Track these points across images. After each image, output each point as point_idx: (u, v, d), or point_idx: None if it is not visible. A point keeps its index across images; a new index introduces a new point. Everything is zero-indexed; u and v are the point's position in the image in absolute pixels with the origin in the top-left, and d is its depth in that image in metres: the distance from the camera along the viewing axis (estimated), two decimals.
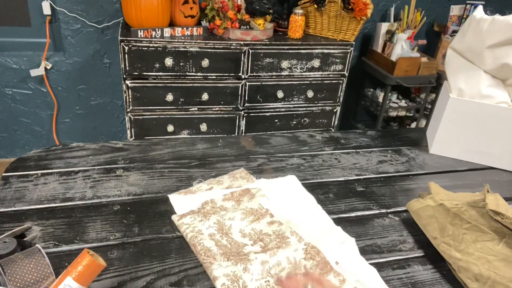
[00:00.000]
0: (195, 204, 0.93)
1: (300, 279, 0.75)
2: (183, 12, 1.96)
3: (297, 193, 1.01)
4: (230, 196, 0.96)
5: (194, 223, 0.87)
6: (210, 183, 1.02)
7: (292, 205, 0.95)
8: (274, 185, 1.02)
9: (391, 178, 1.13)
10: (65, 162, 1.06)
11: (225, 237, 0.84)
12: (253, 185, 1.01)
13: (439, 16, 2.75)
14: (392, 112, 2.66)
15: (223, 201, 0.94)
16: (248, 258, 0.78)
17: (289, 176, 1.07)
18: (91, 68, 2.33)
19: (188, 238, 0.83)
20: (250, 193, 0.97)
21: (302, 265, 0.78)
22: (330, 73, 2.18)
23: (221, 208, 0.92)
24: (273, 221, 0.89)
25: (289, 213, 0.92)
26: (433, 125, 1.32)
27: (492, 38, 1.12)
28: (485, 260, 0.79)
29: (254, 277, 0.74)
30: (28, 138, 2.46)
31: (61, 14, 2.14)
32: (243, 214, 0.90)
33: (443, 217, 0.87)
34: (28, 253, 0.65)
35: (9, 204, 0.89)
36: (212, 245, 0.81)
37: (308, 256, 0.80)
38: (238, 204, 0.94)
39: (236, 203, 0.94)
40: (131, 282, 0.73)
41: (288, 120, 2.26)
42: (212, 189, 0.99)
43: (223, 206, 0.93)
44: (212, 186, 1.00)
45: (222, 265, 0.76)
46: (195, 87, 2.02)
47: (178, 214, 0.90)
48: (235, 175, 1.06)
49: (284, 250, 0.80)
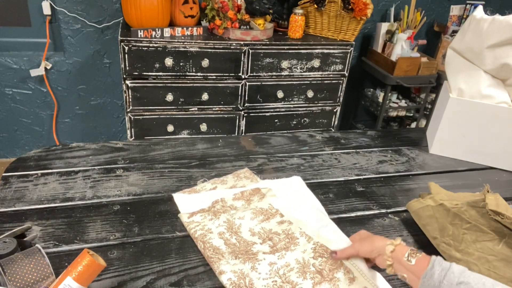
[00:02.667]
0: (200, 203, 0.93)
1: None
2: (183, 12, 1.96)
3: (303, 194, 1.01)
4: (240, 196, 0.96)
5: (204, 221, 0.87)
6: (214, 183, 1.02)
7: (300, 206, 0.95)
8: (280, 186, 1.02)
9: (391, 178, 1.13)
10: (65, 162, 1.06)
11: (234, 235, 0.84)
12: (259, 184, 1.01)
13: (439, 16, 2.75)
14: (392, 112, 2.66)
15: (233, 200, 0.95)
16: (257, 257, 0.78)
17: (294, 177, 1.07)
18: (91, 68, 2.33)
19: (196, 235, 0.83)
20: (260, 193, 0.97)
21: (311, 264, 0.78)
22: (330, 73, 2.18)
23: (231, 207, 0.92)
24: (283, 221, 0.89)
25: (298, 213, 0.92)
26: (433, 125, 1.32)
27: (492, 38, 1.12)
28: (485, 260, 0.79)
29: (262, 276, 0.75)
30: (28, 138, 2.46)
31: (61, 14, 2.14)
32: (253, 213, 0.90)
33: (443, 217, 0.87)
34: (28, 253, 0.65)
35: (9, 204, 0.89)
36: (221, 244, 0.81)
37: (317, 254, 0.80)
38: (249, 204, 0.94)
39: (246, 203, 0.94)
40: (131, 282, 0.73)
41: (288, 120, 2.26)
42: (216, 188, 0.99)
43: (233, 205, 0.93)
44: (216, 186, 1.00)
45: (230, 262, 0.77)
46: (195, 87, 2.02)
47: (188, 212, 0.90)
48: (239, 174, 1.06)
49: (293, 252, 0.80)
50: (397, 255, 0.68)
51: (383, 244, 0.71)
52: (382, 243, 0.71)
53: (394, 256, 0.68)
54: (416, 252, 0.67)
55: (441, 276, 0.60)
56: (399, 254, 0.67)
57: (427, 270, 0.62)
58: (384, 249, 0.70)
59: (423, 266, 0.63)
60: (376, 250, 0.72)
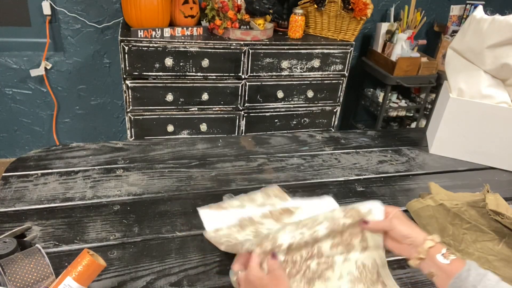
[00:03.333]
0: (227, 220, 0.88)
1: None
2: (183, 12, 1.96)
3: None
4: (270, 215, 0.91)
5: (231, 233, 0.83)
6: (242, 200, 0.96)
7: None
8: (311, 206, 0.95)
9: (391, 178, 1.13)
10: (65, 162, 1.06)
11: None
12: (288, 204, 0.95)
13: (439, 16, 2.75)
14: (392, 112, 2.66)
15: (261, 218, 0.89)
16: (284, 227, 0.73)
17: (326, 197, 1.00)
18: (91, 68, 2.33)
19: (223, 247, 0.79)
20: (289, 212, 0.92)
21: (341, 223, 0.73)
22: (330, 73, 2.18)
23: (259, 223, 0.88)
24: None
25: None
26: (433, 125, 1.32)
27: (492, 38, 1.12)
28: (485, 260, 0.79)
29: (287, 231, 0.71)
30: (28, 138, 2.46)
31: (61, 14, 2.14)
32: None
33: (443, 217, 0.87)
34: (28, 253, 0.65)
35: (9, 204, 0.89)
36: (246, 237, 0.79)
37: (349, 215, 0.74)
38: (277, 222, 0.89)
39: (275, 221, 0.89)
40: (131, 282, 0.73)
41: (288, 120, 2.26)
42: (244, 207, 0.94)
43: (260, 221, 0.89)
44: (244, 204, 0.95)
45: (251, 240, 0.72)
46: (195, 87, 2.02)
47: (213, 229, 0.85)
48: (268, 192, 0.99)
49: (322, 223, 0.74)
50: (432, 252, 0.67)
51: (423, 237, 0.68)
52: (422, 236, 0.68)
53: (429, 252, 0.67)
54: (451, 252, 0.66)
55: (476, 281, 0.60)
56: (435, 251, 0.67)
57: (462, 271, 0.62)
58: (422, 242, 0.68)
59: (457, 267, 0.63)
60: (413, 238, 0.69)
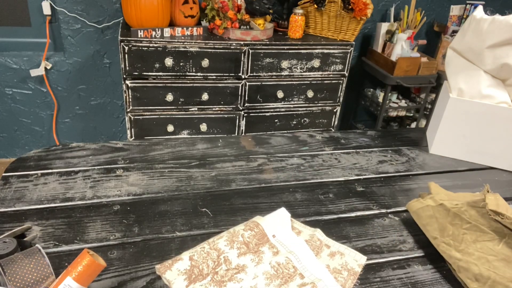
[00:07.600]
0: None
1: None
2: (183, 12, 1.96)
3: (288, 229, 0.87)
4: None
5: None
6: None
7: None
8: (268, 221, 0.86)
9: (391, 178, 1.13)
10: (65, 162, 1.06)
11: None
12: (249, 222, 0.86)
13: (439, 16, 2.75)
14: (392, 112, 2.66)
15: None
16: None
17: (280, 209, 0.91)
18: (91, 68, 2.33)
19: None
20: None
21: (240, 234, 0.81)
22: (330, 73, 2.18)
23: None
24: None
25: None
26: (433, 125, 1.32)
27: (492, 38, 1.12)
28: (485, 260, 0.79)
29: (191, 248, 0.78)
30: (28, 138, 2.46)
31: (61, 14, 2.14)
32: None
33: (443, 217, 0.87)
34: (28, 253, 0.65)
35: (9, 204, 0.89)
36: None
37: (247, 227, 0.83)
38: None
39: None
40: (131, 282, 0.73)
41: (288, 120, 2.26)
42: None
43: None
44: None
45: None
46: (195, 87, 2.02)
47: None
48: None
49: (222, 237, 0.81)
50: None
51: None
52: None
53: None
54: None
55: None
56: None
57: None
58: None
59: None
60: None
